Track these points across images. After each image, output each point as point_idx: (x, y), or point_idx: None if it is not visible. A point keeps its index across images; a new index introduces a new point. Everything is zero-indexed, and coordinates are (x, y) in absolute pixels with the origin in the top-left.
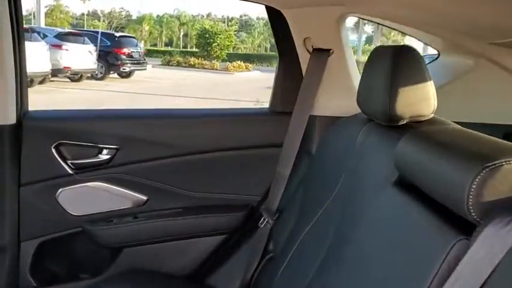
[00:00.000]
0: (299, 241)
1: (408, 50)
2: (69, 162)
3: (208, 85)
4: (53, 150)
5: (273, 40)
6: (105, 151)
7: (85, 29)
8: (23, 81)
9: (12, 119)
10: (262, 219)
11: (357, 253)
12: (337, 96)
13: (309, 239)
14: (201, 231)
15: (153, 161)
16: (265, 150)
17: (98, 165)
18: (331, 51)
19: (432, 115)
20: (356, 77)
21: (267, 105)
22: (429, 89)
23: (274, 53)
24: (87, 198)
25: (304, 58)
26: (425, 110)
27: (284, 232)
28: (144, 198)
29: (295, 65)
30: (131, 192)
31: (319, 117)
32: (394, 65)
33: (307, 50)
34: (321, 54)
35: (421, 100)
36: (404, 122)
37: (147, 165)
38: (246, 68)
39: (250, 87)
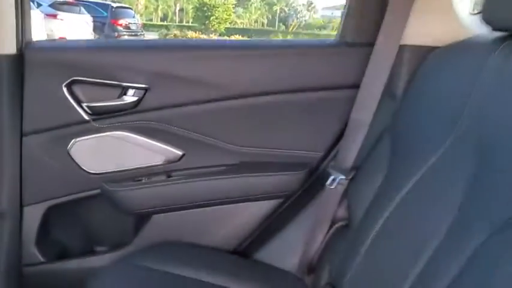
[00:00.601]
0: (392, 209)
1: None
2: (84, 105)
3: None
4: (64, 90)
5: (270, 16)
6: (130, 91)
7: None
8: (24, 6)
9: (11, 48)
10: (330, 179)
11: None
12: (435, 20)
13: (411, 207)
14: (250, 194)
15: (191, 105)
16: (333, 93)
17: (121, 109)
18: None
19: None
20: None
21: None
22: None
23: (271, 28)
24: (108, 151)
25: None
26: None
27: (365, 196)
28: (180, 153)
29: None
30: (163, 146)
31: (409, 47)
32: None
33: None
34: None
35: None
36: None
37: (185, 111)
38: None
39: None
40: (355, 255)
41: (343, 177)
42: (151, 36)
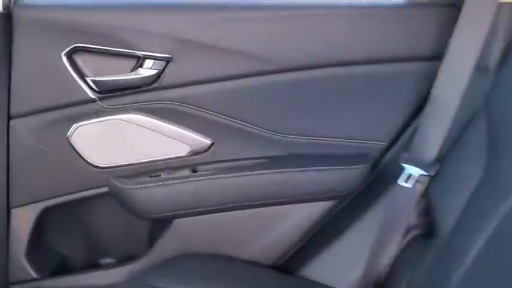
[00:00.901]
0: (505, 214)
1: None
2: (89, 80)
3: None
4: (64, 60)
5: None
6: (148, 63)
7: None
8: None
9: None
10: (405, 175)
11: None
12: None
13: None
14: (297, 195)
15: (224, 81)
16: (402, 66)
17: (136, 86)
18: None
19: None
20: None
21: None
22: None
23: None
24: (118, 139)
25: None
26: None
27: (457, 197)
28: (208, 141)
29: None
30: (188, 132)
31: (508, 5)
32: None
33: None
34: None
35: None
36: None
37: (215, 89)
38: None
39: None
40: (448, 277)
41: (423, 172)
42: None
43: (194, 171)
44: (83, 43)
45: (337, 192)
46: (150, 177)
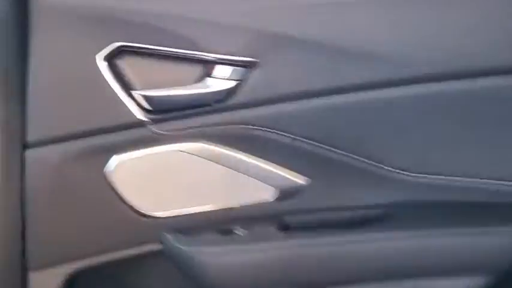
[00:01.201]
0: None
1: None
2: (137, 94)
3: None
4: (102, 66)
5: None
6: (221, 71)
7: None
8: None
9: None
10: None
11: None
12: None
13: None
14: (437, 267)
15: (329, 95)
16: None
17: (202, 103)
18: None
19: None
20: None
21: None
22: None
23: None
24: (176, 178)
25: None
26: None
27: None
28: (303, 182)
29: None
30: (274, 169)
31: None
32: None
33: None
34: None
35: None
36: None
37: (316, 107)
38: None
39: None
40: None
41: None
42: None
43: (284, 227)
44: (129, 41)
45: (497, 263)
46: (221, 233)
